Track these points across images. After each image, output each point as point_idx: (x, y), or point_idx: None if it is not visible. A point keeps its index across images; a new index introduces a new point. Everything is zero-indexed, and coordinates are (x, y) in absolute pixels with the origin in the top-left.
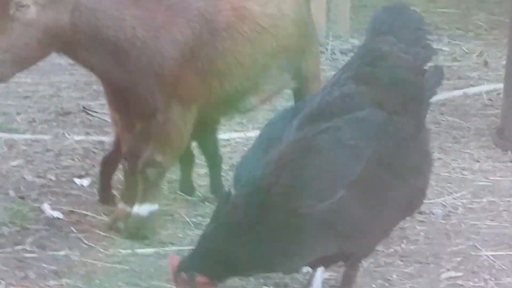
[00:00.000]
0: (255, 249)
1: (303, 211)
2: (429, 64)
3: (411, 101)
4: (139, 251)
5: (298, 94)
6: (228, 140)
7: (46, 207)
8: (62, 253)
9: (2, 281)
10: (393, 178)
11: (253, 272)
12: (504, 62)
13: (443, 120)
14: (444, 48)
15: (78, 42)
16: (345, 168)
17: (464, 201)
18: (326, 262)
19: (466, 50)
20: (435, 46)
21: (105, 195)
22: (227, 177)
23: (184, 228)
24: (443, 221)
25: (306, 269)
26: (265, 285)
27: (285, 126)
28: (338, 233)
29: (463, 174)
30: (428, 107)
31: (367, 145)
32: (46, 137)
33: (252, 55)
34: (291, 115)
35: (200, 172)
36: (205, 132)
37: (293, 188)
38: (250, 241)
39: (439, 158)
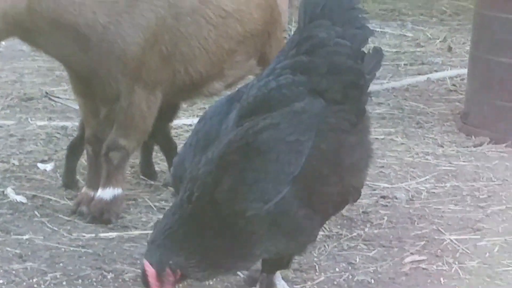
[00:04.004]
0: (203, 253)
1: (249, 213)
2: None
3: (351, 89)
4: (102, 235)
5: None
6: (190, 125)
7: (9, 191)
8: (26, 237)
9: None
10: (332, 174)
11: (205, 274)
12: (467, 48)
13: (406, 106)
14: (407, 34)
15: (37, 29)
16: (288, 166)
17: (428, 185)
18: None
19: (430, 36)
20: (398, 31)
21: (69, 180)
22: None
23: (147, 212)
24: (406, 206)
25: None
26: None
27: (221, 121)
28: (284, 232)
29: (427, 159)
30: (369, 92)
31: (307, 138)
32: (9, 122)
33: (216, 40)
34: (226, 109)
35: (162, 157)
36: (165, 117)
37: (237, 190)
38: (196, 244)
39: (402, 143)
